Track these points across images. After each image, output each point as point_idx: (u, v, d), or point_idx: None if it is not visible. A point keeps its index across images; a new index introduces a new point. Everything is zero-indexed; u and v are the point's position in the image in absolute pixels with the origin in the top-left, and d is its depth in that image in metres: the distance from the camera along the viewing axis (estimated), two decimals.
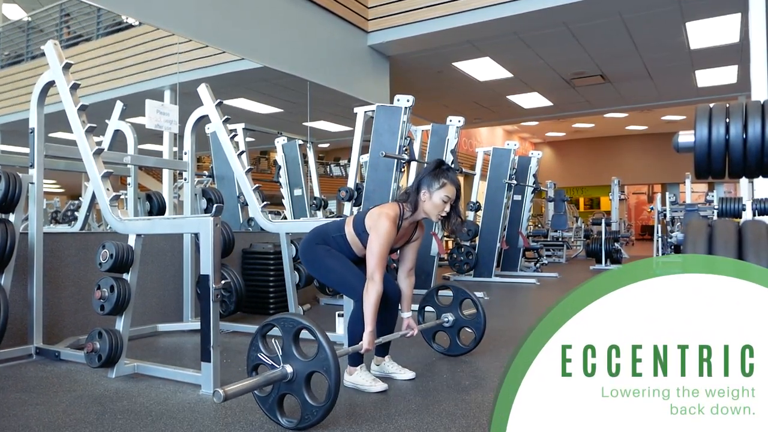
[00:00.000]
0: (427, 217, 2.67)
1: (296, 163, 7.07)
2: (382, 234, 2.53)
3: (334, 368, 2.02)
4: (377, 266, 2.51)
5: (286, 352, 2.10)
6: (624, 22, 7.28)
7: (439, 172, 2.63)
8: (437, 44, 7.76)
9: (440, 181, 2.61)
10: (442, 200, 2.60)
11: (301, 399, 2.07)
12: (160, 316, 4.27)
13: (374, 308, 2.49)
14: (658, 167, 19.50)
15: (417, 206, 2.65)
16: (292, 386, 2.09)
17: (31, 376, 2.94)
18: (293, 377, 2.08)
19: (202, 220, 2.69)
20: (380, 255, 2.52)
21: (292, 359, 2.09)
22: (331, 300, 5.47)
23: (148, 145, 5.98)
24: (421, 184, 2.64)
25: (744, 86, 8.85)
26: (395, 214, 2.61)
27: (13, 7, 5.94)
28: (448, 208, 2.62)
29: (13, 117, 5.34)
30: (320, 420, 2.05)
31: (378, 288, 2.49)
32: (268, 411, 2.15)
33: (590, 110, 13.09)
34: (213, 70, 6.01)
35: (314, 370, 2.06)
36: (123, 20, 5.68)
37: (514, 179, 7.97)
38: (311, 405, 2.05)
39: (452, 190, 2.62)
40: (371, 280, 2.50)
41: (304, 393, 2.06)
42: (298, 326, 2.11)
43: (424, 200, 2.62)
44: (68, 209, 7.68)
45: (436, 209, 2.61)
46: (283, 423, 2.11)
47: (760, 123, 1.16)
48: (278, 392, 2.12)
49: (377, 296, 2.49)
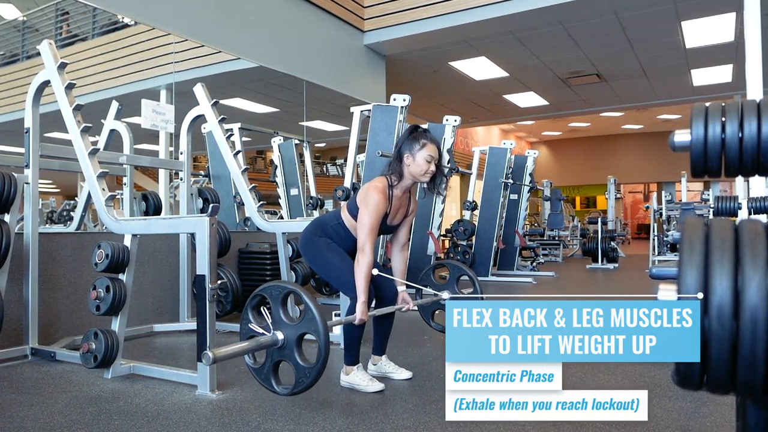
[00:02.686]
0: (415, 181, 2.67)
1: (293, 163, 7.06)
2: (372, 206, 2.55)
3: (323, 328, 2.08)
4: (368, 237, 2.53)
5: (276, 319, 2.17)
6: (620, 21, 7.30)
7: (417, 134, 2.65)
8: (433, 43, 7.76)
9: (420, 142, 2.62)
10: (426, 160, 2.61)
11: (294, 363, 2.14)
12: (156, 316, 4.26)
13: (366, 278, 2.50)
14: (653, 166, 19.55)
15: (402, 173, 2.65)
16: (284, 352, 2.16)
17: (27, 376, 2.93)
18: (284, 343, 2.15)
19: (199, 220, 2.68)
20: (371, 226, 2.54)
21: (282, 325, 2.17)
22: (327, 300, 5.46)
23: (144, 144, 5.97)
24: (402, 149, 2.65)
25: (739, 85, 8.88)
26: (383, 186, 2.62)
27: (8, 7, 5.91)
28: (433, 168, 2.64)
29: (8, 117, 5.31)
30: (314, 382, 2.12)
31: (369, 259, 2.50)
32: (264, 381, 2.22)
33: (586, 109, 13.11)
34: (209, 69, 6.00)
35: (304, 332, 2.13)
36: (119, 20, 5.66)
37: (510, 178, 7.98)
38: (304, 367, 2.11)
39: (434, 148, 2.63)
40: (362, 252, 2.51)
41: (296, 357, 2.13)
42: (285, 291, 2.19)
43: (409, 164, 2.63)
44: (64, 209, 7.65)
45: (422, 170, 2.62)
46: (279, 391, 2.19)
47: (756, 122, 1.16)
48: (272, 360, 2.19)
49: (368, 267, 2.50)
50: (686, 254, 1.00)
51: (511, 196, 8.51)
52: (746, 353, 0.94)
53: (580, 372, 2.85)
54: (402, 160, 2.64)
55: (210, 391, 2.57)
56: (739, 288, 0.95)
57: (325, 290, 5.53)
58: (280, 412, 2.30)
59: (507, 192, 8.10)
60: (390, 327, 2.85)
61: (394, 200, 2.67)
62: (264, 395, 2.54)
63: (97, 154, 3.13)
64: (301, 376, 2.11)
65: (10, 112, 5.37)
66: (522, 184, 8.65)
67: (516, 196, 8.62)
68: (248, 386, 2.70)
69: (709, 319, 0.97)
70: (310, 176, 7.19)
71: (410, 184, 2.70)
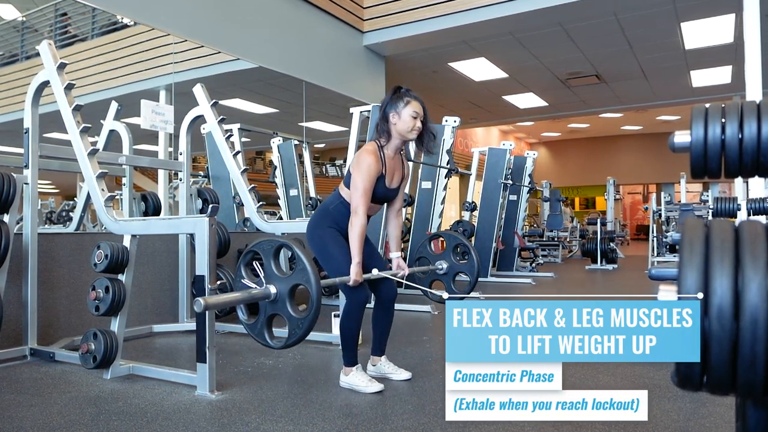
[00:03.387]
0: (404, 139, 2.69)
1: (292, 164, 7.06)
2: (365, 168, 2.59)
3: (314, 278, 2.15)
4: (361, 199, 2.56)
5: (268, 273, 2.24)
6: (619, 22, 7.30)
7: (401, 93, 2.69)
8: (433, 44, 7.76)
9: (404, 100, 2.66)
10: (412, 116, 2.65)
11: (287, 315, 2.20)
12: (155, 316, 4.26)
13: (360, 240, 2.54)
14: (653, 167, 19.57)
15: (390, 132, 2.68)
16: (277, 305, 2.23)
17: (26, 377, 2.92)
18: (277, 296, 2.22)
19: (198, 221, 2.68)
20: (364, 188, 2.57)
21: (274, 279, 2.24)
22: (326, 300, 5.46)
23: (143, 145, 5.96)
24: (387, 110, 2.69)
25: (738, 86, 8.89)
26: (373, 148, 2.66)
27: (7, 7, 5.91)
28: (419, 124, 2.67)
29: (8, 117, 5.31)
30: (306, 332, 2.17)
31: (362, 221, 2.55)
32: (258, 336, 2.29)
33: (586, 110, 13.12)
34: (208, 70, 5.99)
35: (295, 284, 2.20)
36: (118, 20, 5.66)
37: (509, 179, 7.99)
38: (296, 318, 2.17)
39: (418, 105, 2.67)
40: (355, 214, 2.56)
41: (288, 308, 2.19)
42: (276, 245, 2.26)
43: (395, 122, 2.66)
44: (63, 210, 7.64)
45: (408, 126, 2.65)
46: (273, 344, 2.27)
47: (755, 123, 1.17)
48: (265, 315, 2.26)
49: (362, 228, 2.55)
50: (686, 255, 1.00)
51: (511, 197, 8.52)
52: (746, 354, 0.94)
53: (579, 373, 2.85)
54: (388, 120, 2.68)
55: (209, 392, 2.57)
56: (739, 289, 0.95)
57: (324, 291, 5.52)
58: (279, 413, 2.30)
59: (506, 193, 8.11)
60: (389, 326, 2.84)
61: (387, 161, 2.70)
62: (263, 396, 2.54)
63: (96, 154, 3.13)
64: (294, 327, 2.18)
65: (9, 112, 5.37)
66: (521, 185, 8.65)
67: (515, 197, 8.62)
68: (248, 387, 2.70)
69: (709, 319, 0.97)
70: (309, 177, 7.18)
71: (399, 143, 2.73)
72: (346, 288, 2.61)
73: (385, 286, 2.75)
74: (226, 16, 5.67)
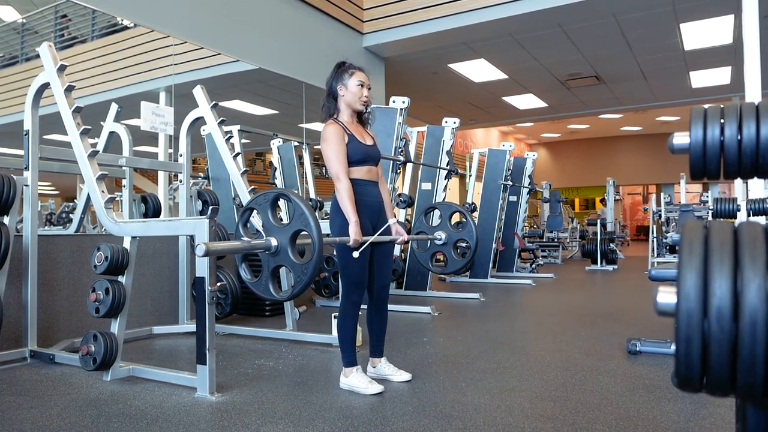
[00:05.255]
0: (353, 109, 2.75)
1: (292, 165, 7.06)
2: (329, 138, 2.64)
3: (313, 221, 2.17)
4: (338, 165, 2.61)
5: (267, 227, 2.28)
6: (618, 24, 7.31)
7: (344, 67, 2.78)
8: (432, 46, 7.77)
9: (349, 72, 2.76)
10: (358, 85, 2.73)
11: (290, 264, 2.23)
12: (155, 318, 4.26)
13: (351, 201, 2.57)
14: (652, 168, 19.58)
15: (339, 107, 2.76)
16: (279, 257, 2.26)
17: (26, 379, 2.92)
18: (278, 248, 2.25)
19: (198, 222, 2.69)
20: (336, 156, 2.62)
21: (274, 231, 2.27)
22: (327, 302, 5.47)
23: (143, 147, 5.96)
24: (333, 85, 2.77)
25: (737, 87, 8.90)
26: (331, 120, 2.73)
27: (7, 9, 5.92)
28: (366, 93, 2.75)
29: (8, 119, 5.31)
30: (311, 278, 2.20)
31: (345, 183, 2.59)
32: (263, 292, 2.35)
33: (585, 111, 13.12)
34: (208, 71, 5.99)
35: (296, 230, 2.22)
36: (118, 22, 5.67)
37: (509, 180, 7.99)
38: (300, 265, 2.20)
39: (362, 74, 2.77)
40: (338, 180, 2.61)
41: (290, 257, 2.22)
42: (273, 196, 2.31)
43: (343, 94, 2.74)
44: (63, 211, 7.65)
45: (356, 96, 2.73)
46: (280, 296, 2.31)
47: (754, 124, 1.17)
48: (268, 269, 2.30)
49: (348, 190, 2.59)
50: (686, 256, 1.00)
51: (510, 198, 8.52)
52: (746, 355, 0.94)
53: (580, 374, 2.85)
54: (336, 95, 2.75)
55: (209, 394, 2.57)
56: (738, 290, 0.95)
57: (324, 292, 5.52)
58: (279, 415, 2.30)
59: (506, 194, 8.11)
60: (384, 327, 2.84)
61: (348, 126, 2.74)
62: (264, 398, 2.54)
63: (96, 156, 3.13)
64: (299, 275, 2.20)
65: (9, 114, 5.37)
66: (521, 186, 8.65)
67: (515, 197, 8.62)
68: (247, 389, 2.70)
69: (708, 321, 0.97)
70: (309, 178, 7.18)
71: (349, 117, 2.78)
72: (346, 282, 2.62)
73: (378, 276, 2.76)
74: (226, 17, 5.68)
